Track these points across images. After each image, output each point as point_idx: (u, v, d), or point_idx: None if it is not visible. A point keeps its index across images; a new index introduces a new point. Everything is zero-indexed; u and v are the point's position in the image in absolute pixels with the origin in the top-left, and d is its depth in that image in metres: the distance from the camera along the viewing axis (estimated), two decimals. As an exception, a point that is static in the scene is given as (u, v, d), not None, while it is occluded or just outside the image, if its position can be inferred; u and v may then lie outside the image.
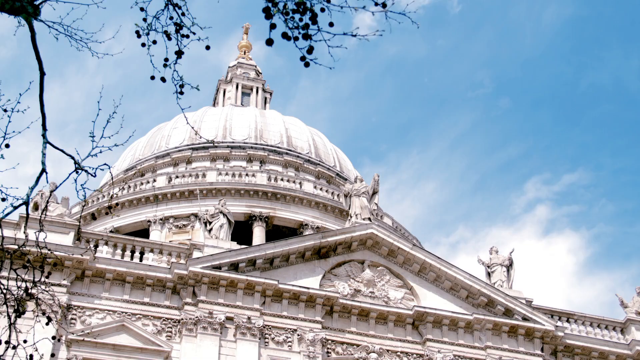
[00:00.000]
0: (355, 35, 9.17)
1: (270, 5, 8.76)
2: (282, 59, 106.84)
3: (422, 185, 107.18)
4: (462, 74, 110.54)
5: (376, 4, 9.06)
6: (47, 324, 12.13)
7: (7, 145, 10.59)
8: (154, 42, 9.81)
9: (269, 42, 8.80)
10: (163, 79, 10.08)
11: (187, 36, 9.88)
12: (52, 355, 15.28)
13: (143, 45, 9.90)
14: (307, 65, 8.84)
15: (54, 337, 13.35)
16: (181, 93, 10.29)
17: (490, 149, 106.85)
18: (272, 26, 8.74)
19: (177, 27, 9.85)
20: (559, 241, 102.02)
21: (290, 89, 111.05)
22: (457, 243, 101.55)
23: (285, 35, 8.79)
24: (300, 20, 8.84)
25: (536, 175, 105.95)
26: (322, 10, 8.96)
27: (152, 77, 10.15)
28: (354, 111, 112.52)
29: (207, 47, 10.05)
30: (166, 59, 9.99)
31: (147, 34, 9.91)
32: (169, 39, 9.81)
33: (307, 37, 8.79)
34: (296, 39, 8.83)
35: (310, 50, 8.81)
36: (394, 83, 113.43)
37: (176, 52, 9.83)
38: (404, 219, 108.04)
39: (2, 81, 11.23)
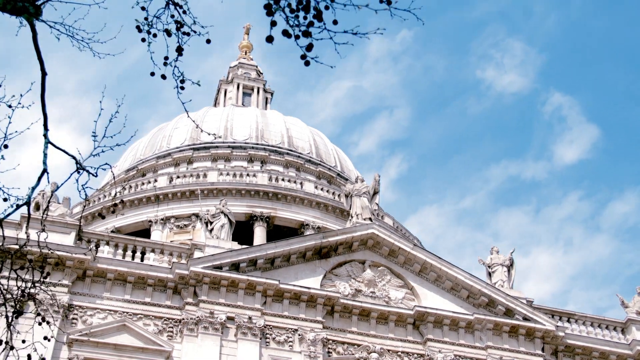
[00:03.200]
0: (356, 34, 8.99)
1: (271, 1, 8.61)
2: (283, 59, 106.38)
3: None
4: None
5: (381, 1, 8.88)
6: (39, 324, 12.04)
7: (6, 146, 10.60)
8: (154, 35, 9.76)
9: (269, 39, 8.64)
10: (163, 76, 10.06)
11: (188, 34, 9.86)
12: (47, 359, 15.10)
13: (143, 40, 9.88)
14: (307, 64, 8.66)
15: (45, 338, 13.14)
16: (182, 88, 10.28)
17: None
18: (273, 23, 8.56)
19: (178, 25, 9.84)
20: None
21: (291, 89, 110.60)
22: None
23: (285, 33, 8.59)
24: (305, 18, 8.64)
25: None
26: (327, 8, 8.78)
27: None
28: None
29: (208, 41, 10.00)
30: (166, 57, 9.95)
31: (148, 32, 9.90)
32: (169, 35, 9.79)
33: (307, 34, 8.57)
34: (297, 37, 8.62)
35: (309, 47, 8.61)
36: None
37: (177, 49, 9.81)
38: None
39: (3, 81, 11.22)
